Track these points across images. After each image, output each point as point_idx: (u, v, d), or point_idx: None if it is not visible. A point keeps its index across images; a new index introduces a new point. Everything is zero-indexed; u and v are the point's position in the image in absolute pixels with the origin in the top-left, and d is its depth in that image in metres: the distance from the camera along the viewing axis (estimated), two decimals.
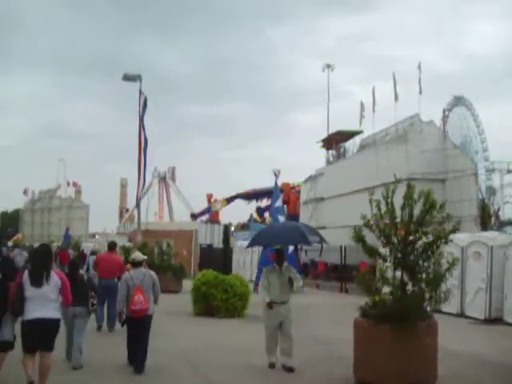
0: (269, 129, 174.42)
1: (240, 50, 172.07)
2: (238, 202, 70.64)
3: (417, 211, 8.28)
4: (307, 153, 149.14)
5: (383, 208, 8.43)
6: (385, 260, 8.15)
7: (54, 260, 23.67)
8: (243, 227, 65.37)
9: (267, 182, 63.62)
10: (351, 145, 45.12)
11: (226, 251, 16.41)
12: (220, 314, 15.14)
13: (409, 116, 38.32)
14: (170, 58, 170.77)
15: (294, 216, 47.68)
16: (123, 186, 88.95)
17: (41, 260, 6.96)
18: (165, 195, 76.56)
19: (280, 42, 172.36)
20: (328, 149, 48.00)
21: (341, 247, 26.87)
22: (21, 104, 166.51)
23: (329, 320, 15.48)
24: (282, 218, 25.72)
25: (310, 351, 10.79)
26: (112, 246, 13.29)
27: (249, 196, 69.67)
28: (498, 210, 34.61)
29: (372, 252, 8.35)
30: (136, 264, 9.14)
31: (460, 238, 17.98)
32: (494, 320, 15.37)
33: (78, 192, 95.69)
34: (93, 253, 19.28)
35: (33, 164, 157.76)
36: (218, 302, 15.15)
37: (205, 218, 66.78)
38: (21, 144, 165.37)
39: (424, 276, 7.92)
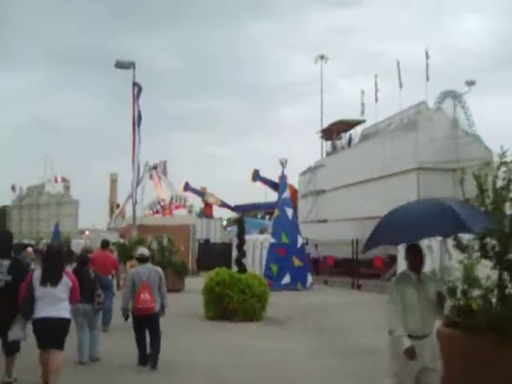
0: (257, 123, 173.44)
1: (226, 45, 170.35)
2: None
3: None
4: (298, 146, 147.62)
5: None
6: (486, 256, 6.33)
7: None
8: (235, 222, 63.63)
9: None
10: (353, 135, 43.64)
11: (241, 246, 14.65)
12: (237, 317, 13.46)
13: (414, 104, 36.84)
14: (157, 53, 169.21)
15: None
16: (113, 180, 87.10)
17: (52, 260, 7.03)
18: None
19: (265, 37, 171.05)
20: (327, 139, 46.39)
21: (352, 241, 25.24)
22: (7, 98, 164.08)
23: (361, 324, 13.80)
24: (289, 210, 24.17)
25: (370, 367, 8.99)
26: (105, 244, 13.09)
27: (244, 210, 67.74)
28: None
29: (461, 246, 6.57)
30: (143, 260, 8.97)
31: None
32: None
33: (67, 187, 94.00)
34: (87, 251, 17.82)
35: (20, 159, 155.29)
36: (235, 304, 13.48)
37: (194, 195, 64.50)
38: (7, 139, 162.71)
39: None
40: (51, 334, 6.77)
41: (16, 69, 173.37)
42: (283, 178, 25.22)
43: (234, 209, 65.42)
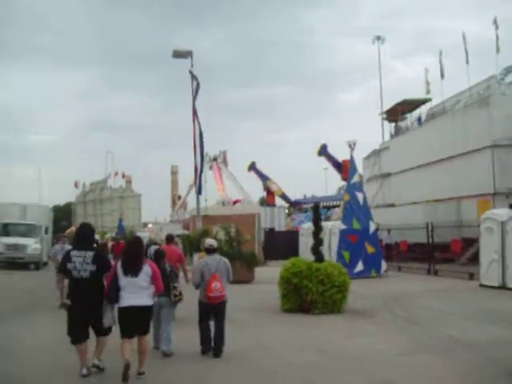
0: (314, 110, 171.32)
1: (281, 32, 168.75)
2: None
3: None
4: (357, 131, 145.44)
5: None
6: None
7: (109, 252, 21.85)
8: (311, 209, 62.73)
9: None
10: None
11: (318, 234, 13.72)
12: (316, 309, 12.60)
13: (484, 79, 35.02)
14: (213, 44, 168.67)
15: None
16: (174, 173, 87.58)
17: (132, 251, 7.44)
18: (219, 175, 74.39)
19: (320, 24, 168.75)
20: (391, 121, 44.85)
21: (427, 224, 23.99)
22: (65, 97, 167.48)
23: (451, 314, 12.77)
24: (360, 195, 23.14)
25: (478, 364, 8.04)
26: (170, 238, 12.81)
27: (298, 206, 66.69)
28: None
29: None
30: (211, 251, 9.01)
31: (499, 213, 18.76)
32: None
33: (129, 182, 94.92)
34: (152, 243, 17.47)
35: (82, 158, 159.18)
36: (314, 295, 12.62)
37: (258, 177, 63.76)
38: (69, 139, 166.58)
39: None
40: (136, 320, 7.17)
41: (72, 68, 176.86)
42: (352, 160, 24.09)
43: (293, 204, 64.40)
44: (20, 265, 27.29)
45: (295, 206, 64.47)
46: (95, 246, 9.41)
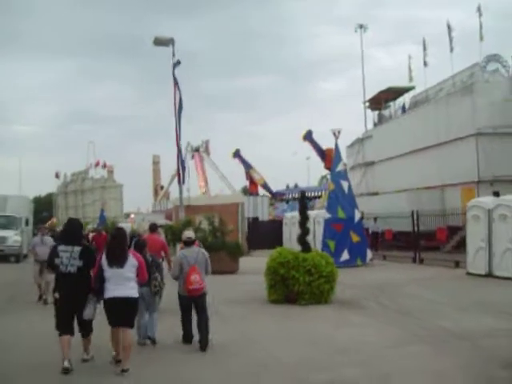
0: (296, 100, 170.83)
1: (262, 22, 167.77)
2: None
3: None
4: (339, 120, 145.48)
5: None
6: None
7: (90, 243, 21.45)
8: (275, 199, 62.70)
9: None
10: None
11: (304, 223, 13.43)
12: (303, 300, 12.34)
13: (467, 67, 34.95)
14: (194, 34, 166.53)
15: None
16: (155, 163, 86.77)
17: (116, 242, 7.34)
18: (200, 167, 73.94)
19: (301, 13, 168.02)
20: (374, 109, 44.72)
21: (412, 212, 23.86)
22: (46, 91, 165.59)
23: (440, 304, 12.61)
24: (345, 184, 22.93)
25: (472, 355, 7.83)
26: (153, 227, 12.71)
27: (279, 196, 66.47)
28: None
29: None
30: (189, 243, 8.91)
31: (485, 201, 18.75)
32: None
33: (111, 172, 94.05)
34: (134, 235, 17.22)
35: (63, 149, 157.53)
36: (301, 285, 12.36)
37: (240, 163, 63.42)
38: (50, 130, 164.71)
39: None
40: (120, 312, 7.11)
41: (52, 59, 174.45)
42: (337, 149, 23.84)
43: (275, 194, 64.11)
44: (0, 257, 26.74)
45: (276, 196, 64.23)
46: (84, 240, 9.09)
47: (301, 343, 8.73)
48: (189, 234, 9.17)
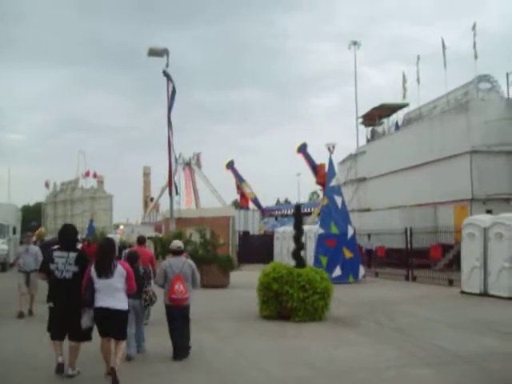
0: (288, 114, 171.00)
1: (255, 37, 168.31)
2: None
3: None
4: (330, 136, 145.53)
5: None
6: None
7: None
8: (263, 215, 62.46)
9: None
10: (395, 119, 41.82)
11: (299, 238, 13.13)
12: (297, 316, 12.01)
13: (461, 85, 34.91)
14: (188, 47, 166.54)
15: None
16: (146, 174, 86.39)
17: (104, 253, 7.22)
18: (190, 182, 73.67)
19: (295, 29, 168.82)
20: (368, 125, 44.62)
21: (406, 229, 23.60)
22: (39, 99, 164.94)
23: (436, 322, 12.32)
24: (338, 199, 22.66)
25: (477, 378, 7.53)
26: (142, 240, 12.49)
27: (269, 212, 66.38)
28: None
29: None
30: (177, 252, 8.89)
31: (481, 219, 18.52)
32: None
33: (101, 182, 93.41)
34: (125, 246, 17.07)
35: (53, 158, 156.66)
36: (295, 302, 12.03)
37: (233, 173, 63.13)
38: (41, 138, 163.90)
39: None
40: (111, 324, 7.07)
41: (46, 68, 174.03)
42: (331, 163, 23.57)
43: (264, 210, 63.74)
44: None
45: (264, 213, 63.91)
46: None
47: (298, 363, 8.38)
48: (178, 243, 9.18)
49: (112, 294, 7.05)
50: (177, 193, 26.43)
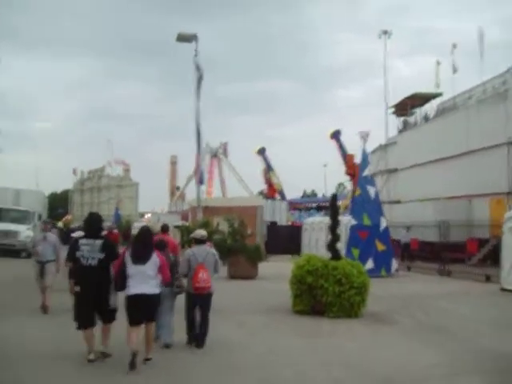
0: (315, 105, 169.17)
1: (284, 28, 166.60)
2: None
3: None
4: (357, 127, 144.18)
5: None
6: None
7: None
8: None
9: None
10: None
11: (335, 229, 12.45)
12: (332, 312, 11.36)
13: (499, 73, 33.74)
14: (216, 38, 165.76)
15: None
16: (173, 163, 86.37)
17: (142, 240, 7.47)
18: (216, 171, 73.30)
19: (323, 20, 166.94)
20: (400, 115, 43.56)
21: (440, 223, 22.75)
22: (69, 88, 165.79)
23: (479, 321, 11.57)
24: (372, 189, 21.89)
25: None
26: (165, 228, 12.37)
27: (293, 205, 65.66)
28: None
29: None
30: (201, 241, 8.97)
31: None
32: None
33: (127, 170, 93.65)
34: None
35: (81, 146, 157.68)
36: (330, 296, 11.38)
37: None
38: (69, 127, 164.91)
39: None
40: (143, 308, 7.21)
41: (73, 57, 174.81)
42: (364, 153, 22.81)
43: (289, 203, 63.08)
44: (11, 252, 25.93)
45: (289, 205, 63.34)
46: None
47: (334, 364, 7.71)
48: (201, 232, 9.26)
49: (145, 280, 7.18)
50: (202, 182, 25.88)
